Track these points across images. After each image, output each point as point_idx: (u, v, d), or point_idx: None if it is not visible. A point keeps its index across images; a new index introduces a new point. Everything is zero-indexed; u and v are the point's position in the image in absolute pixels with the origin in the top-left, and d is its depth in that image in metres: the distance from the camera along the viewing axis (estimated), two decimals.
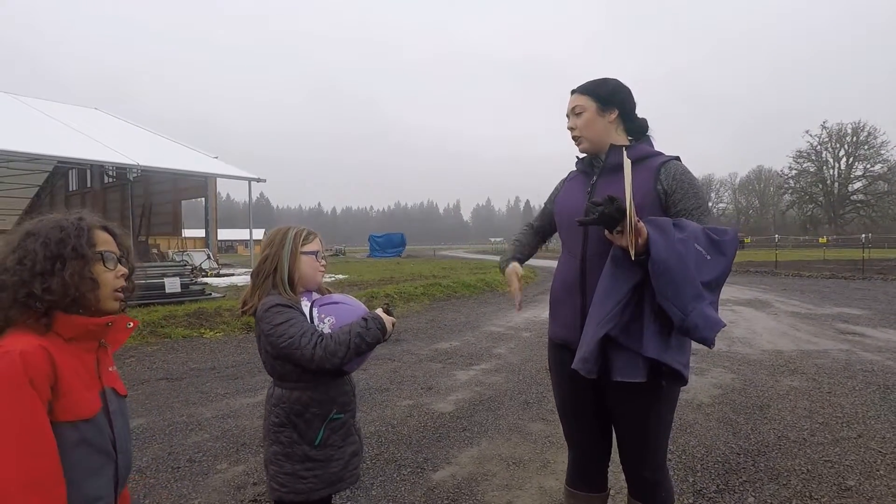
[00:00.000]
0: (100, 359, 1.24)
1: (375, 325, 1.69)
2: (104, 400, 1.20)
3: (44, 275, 1.13)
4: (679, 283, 1.52)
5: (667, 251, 1.51)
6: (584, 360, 1.65)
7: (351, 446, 1.79)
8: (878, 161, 55.10)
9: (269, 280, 1.73)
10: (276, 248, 1.76)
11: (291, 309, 1.67)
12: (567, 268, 1.90)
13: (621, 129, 1.88)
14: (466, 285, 13.82)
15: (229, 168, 20.69)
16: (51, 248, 1.16)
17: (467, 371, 5.62)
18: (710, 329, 1.55)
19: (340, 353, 1.61)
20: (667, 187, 1.74)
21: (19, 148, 14.28)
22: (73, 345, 1.17)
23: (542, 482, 3.00)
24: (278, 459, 1.69)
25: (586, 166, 1.94)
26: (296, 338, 1.60)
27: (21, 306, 1.12)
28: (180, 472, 3.15)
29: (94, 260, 1.20)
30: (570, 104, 1.89)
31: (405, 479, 3.05)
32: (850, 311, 9.82)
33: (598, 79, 1.90)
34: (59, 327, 1.14)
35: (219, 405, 4.46)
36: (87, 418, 1.14)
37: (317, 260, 1.80)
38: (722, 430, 3.80)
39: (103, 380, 1.23)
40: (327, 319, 1.72)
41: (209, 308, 8.57)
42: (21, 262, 1.14)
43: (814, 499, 2.77)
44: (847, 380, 5.07)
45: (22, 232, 1.20)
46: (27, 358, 1.05)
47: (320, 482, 1.69)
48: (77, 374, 1.15)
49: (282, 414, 1.69)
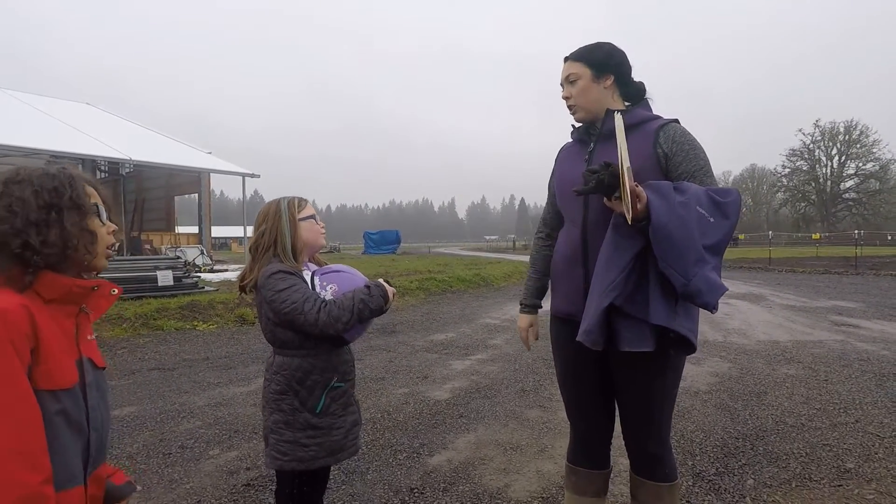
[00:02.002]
0: (80, 325, 1.13)
1: (378, 291, 1.69)
2: (80, 370, 1.10)
3: (38, 225, 1.04)
4: (681, 247, 1.48)
5: (667, 215, 1.47)
6: (588, 332, 1.60)
7: (351, 416, 1.79)
8: (869, 159, 55.45)
9: (269, 252, 1.72)
10: (272, 221, 1.74)
11: (294, 275, 1.66)
12: (568, 239, 1.85)
13: (617, 94, 1.82)
14: (462, 280, 13.78)
15: (223, 163, 20.53)
16: (43, 196, 1.05)
17: (463, 361, 5.58)
18: (712, 294, 1.51)
19: (344, 318, 1.61)
20: (667, 150, 1.70)
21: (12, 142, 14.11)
22: (53, 307, 1.07)
23: (539, 466, 2.97)
24: (279, 428, 1.68)
25: (583, 134, 1.88)
26: (299, 303, 1.60)
27: (12, 259, 1.02)
28: (171, 458, 3.09)
29: (90, 212, 1.12)
30: (564, 72, 1.84)
31: (402, 464, 3.00)
32: (844, 304, 9.86)
33: (591, 44, 1.83)
34: (41, 287, 1.04)
35: (211, 394, 4.40)
36: (66, 388, 1.04)
37: (316, 223, 1.80)
38: (720, 415, 3.78)
39: (81, 349, 1.12)
40: (329, 287, 1.72)
41: (202, 301, 8.48)
42: (10, 209, 1.03)
43: (813, 480, 2.76)
44: (843, 368, 5.07)
45: (5, 175, 1.08)
46: (8, 316, 0.96)
47: (322, 450, 1.68)
48: (56, 340, 1.05)
49: (282, 381, 1.68)
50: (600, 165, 1.48)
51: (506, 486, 2.73)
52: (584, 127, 1.87)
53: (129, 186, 24.26)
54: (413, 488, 2.70)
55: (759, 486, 2.70)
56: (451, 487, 2.71)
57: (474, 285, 13.74)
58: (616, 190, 1.48)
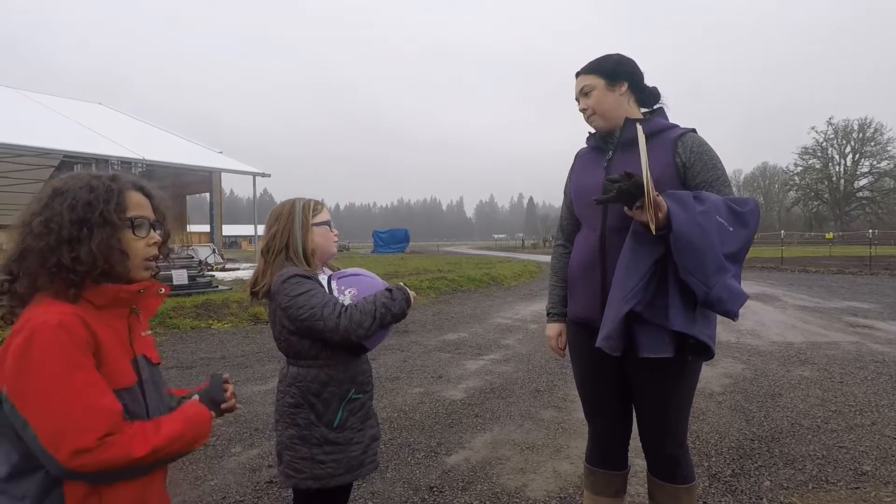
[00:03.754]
0: (131, 326, 1.18)
1: (401, 295, 1.62)
2: (136, 369, 1.15)
3: (71, 242, 1.06)
4: (701, 256, 1.51)
5: (688, 225, 1.50)
6: (608, 338, 1.63)
7: (370, 430, 1.71)
8: (884, 157, 54.76)
9: (281, 256, 1.64)
10: (284, 222, 1.66)
11: (310, 280, 1.58)
12: (586, 245, 1.88)
13: (633, 100, 1.85)
14: (472, 279, 13.82)
15: (234, 163, 20.70)
16: (77, 211, 1.08)
17: (476, 361, 5.62)
18: (734, 302, 1.54)
19: (366, 323, 1.53)
20: (685, 160, 1.73)
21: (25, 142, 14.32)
22: (105, 312, 1.11)
23: (556, 466, 3.00)
24: (294, 444, 1.60)
25: (599, 142, 1.91)
26: (318, 308, 1.51)
27: (50, 275, 1.06)
28: (195, 456, 3.15)
29: (122, 227, 1.12)
30: (578, 86, 1.87)
31: (420, 463, 3.05)
32: (858, 304, 9.78)
33: (599, 57, 1.87)
34: (90, 295, 1.09)
35: None
36: (126, 387, 1.09)
37: (330, 230, 1.73)
38: (735, 417, 3.79)
39: (135, 347, 1.18)
40: (348, 291, 1.65)
41: (216, 300, 8.59)
42: (47, 225, 1.07)
43: (830, 483, 2.77)
44: (858, 370, 5.05)
45: (50, 189, 1.11)
46: (66, 326, 1.00)
47: (340, 467, 1.60)
48: (112, 342, 1.10)
49: (297, 394, 1.60)
50: (620, 175, 1.51)
51: (523, 486, 2.77)
52: (601, 134, 1.89)
53: None
54: (432, 487, 2.75)
55: (776, 487, 2.72)
56: (470, 486, 2.76)
57: (484, 285, 13.77)
58: (637, 199, 1.51)
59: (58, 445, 0.96)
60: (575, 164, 2.03)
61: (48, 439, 0.96)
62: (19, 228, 1.10)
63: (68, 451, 0.96)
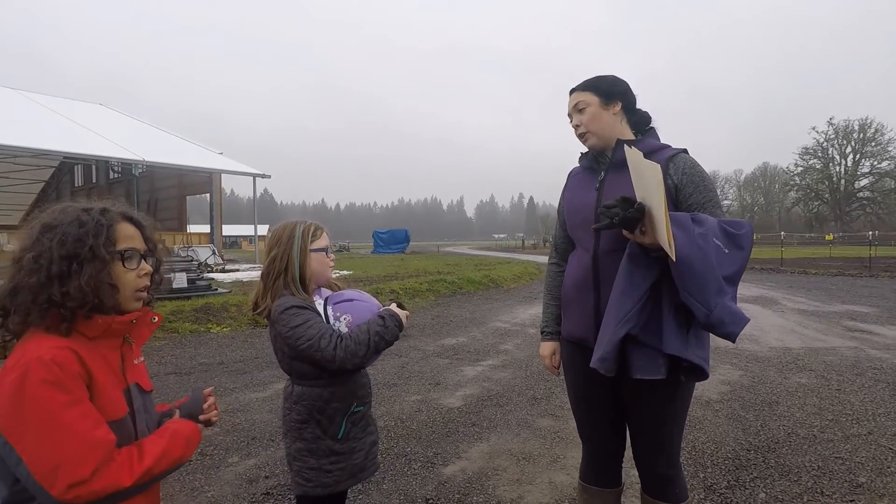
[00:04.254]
0: (124, 355, 1.19)
1: (393, 322, 1.69)
2: (128, 398, 1.16)
3: (61, 277, 1.07)
4: (702, 278, 1.51)
5: (689, 247, 1.50)
6: (603, 360, 1.64)
7: (370, 436, 1.82)
8: (885, 158, 54.66)
9: (279, 280, 1.70)
10: (284, 246, 1.72)
11: (307, 310, 1.65)
12: (579, 265, 1.89)
13: (625, 122, 1.87)
14: (471, 281, 13.82)
15: (234, 164, 20.72)
16: (67, 246, 1.09)
17: (474, 367, 5.63)
18: (735, 324, 1.55)
19: (361, 352, 1.62)
20: (676, 181, 1.73)
21: (26, 143, 14.34)
22: (98, 343, 1.12)
23: (552, 477, 3.01)
24: (303, 456, 1.70)
25: (591, 162, 1.91)
26: (314, 340, 1.60)
27: (42, 311, 1.06)
28: (192, 466, 3.16)
29: (112, 261, 1.13)
30: (572, 102, 1.87)
31: (416, 474, 3.06)
32: (857, 308, 9.78)
33: (594, 76, 1.88)
34: (83, 327, 1.10)
35: (228, 399, 4.48)
36: (116, 420, 1.10)
37: (326, 256, 1.79)
38: (731, 426, 3.79)
39: (127, 376, 1.19)
40: (343, 318, 1.71)
41: (216, 303, 8.60)
42: (37, 261, 1.08)
43: (825, 495, 2.77)
44: (856, 377, 5.05)
45: (39, 224, 1.13)
46: (59, 362, 1.01)
47: (345, 473, 1.72)
48: (104, 374, 1.11)
49: (303, 411, 1.70)
50: (617, 201, 1.52)
51: (519, 497, 2.78)
52: (593, 154, 1.90)
53: (142, 187, 24.49)
54: (428, 498, 2.76)
55: (771, 499, 2.73)
56: (466, 498, 2.76)
57: (484, 287, 13.77)
58: (639, 224, 1.52)
59: (53, 481, 0.97)
60: (568, 182, 2.04)
61: (43, 475, 0.98)
62: (12, 264, 1.11)
63: (64, 485, 0.97)
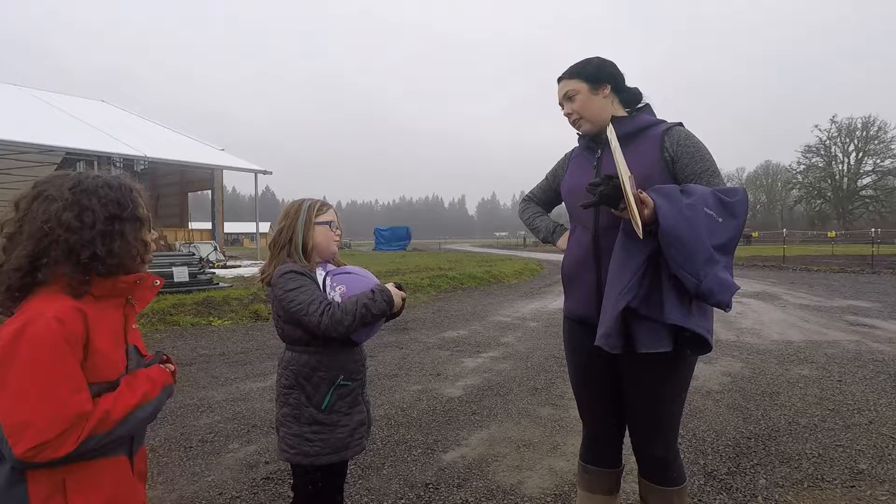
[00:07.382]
0: (126, 316, 1.23)
1: (382, 297, 1.72)
2: (126, 358, 1.19)
3: (104, 236, 1.11)
4: (690, 249, 1.51)
5: (675, 218, 1.51)
6: (606, 336, 1.64)
7: (358, 415, 1.81)
8: (888, 156, 54.54)
9: (284, 250, 1.79)
10: (290, 219, 1.81)
11: (304, 276, 1.72)
12: (579, 242, 1.89)
13: (617, 101, 1.87)
14: (473, 277, 13.82)
15: (236, 160, 20.72)
16: (109, 207, 1.14)
17: (475, 358, 5.63)
18: (724, 293, 1.54)
19: (346, 321, 1.64)
20: (673, 154, 1.73)
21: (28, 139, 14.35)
22: (103, 302, 1.16)
23: (552, 463, 3.01)
24: (287, 421, 1.74)
25: (589, 142, 1.93)
26: (304, 304, 1.65)
27: (79, 267, 1.08)
28: (193, 452, 3.17)
29: (147, 223, 1.21)
30: (561, 91, 1.88)
31: (416, 460, 3.06)
32: (859, 303, 9.75)
33: (579, 61, 1.88)
34: (93, 287, 1.13)
35: (229, 389, 4.49)
36: (109, 381, 1.12)
37: (331, 230, 1.85)
38: (732, 415, 3.79)
39: (128, 337, 1.22)
40: (338, 288, 1.76)
41: (217, 297, 8.61)
42: (80, 219, 1.09)
43: (826, 481, 2.77)
44: (857, 369, 5.04)
45: (69, 183, 1.13)
46: (61, 320, 1.03)
47: (326, 446, 1.73)
48: (106, 334, 1.14)
49: (290, 376, 1.74)
50: (601, 178, 1.53)
51: (519, 483, 2.78)
52: (590, 135, 1.91)
53: (144, 183, 24.27)
54: (428, 483, 2.76)
55: (771, 485, 2.72)
56: (466, 483, 2.77)
57: (485, 282, 13.77)
58: (621, 201, 1.52)
59: (18, 437, 0.98)
60: (568, 164, 2.05)
61: (11, 430, 0.99)
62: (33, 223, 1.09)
63: (27, 445, 0.98)
